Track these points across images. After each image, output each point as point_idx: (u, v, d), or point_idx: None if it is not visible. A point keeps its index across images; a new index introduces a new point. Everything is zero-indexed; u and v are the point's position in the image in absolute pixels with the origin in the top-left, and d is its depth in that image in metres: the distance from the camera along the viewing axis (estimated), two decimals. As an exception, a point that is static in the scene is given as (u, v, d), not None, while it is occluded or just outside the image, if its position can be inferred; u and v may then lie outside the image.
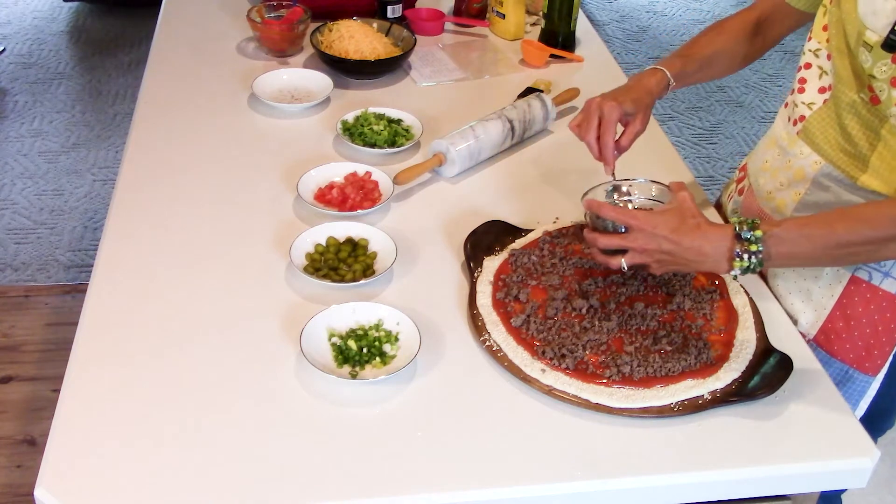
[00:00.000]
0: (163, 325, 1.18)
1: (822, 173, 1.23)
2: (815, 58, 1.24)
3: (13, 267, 2.74)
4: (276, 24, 1.84)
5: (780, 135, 1.32)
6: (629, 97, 1.31)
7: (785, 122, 1.31)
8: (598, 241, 1.14)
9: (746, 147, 3.49)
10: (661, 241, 1.08)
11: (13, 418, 2.24)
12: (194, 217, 1.38)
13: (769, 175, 1.33)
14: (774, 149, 1.33)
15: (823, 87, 1.22)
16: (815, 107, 1.23)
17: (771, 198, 1.33)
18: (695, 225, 1.09)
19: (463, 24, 2.03)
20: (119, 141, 3.33)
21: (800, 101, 1.26)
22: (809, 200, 1.26)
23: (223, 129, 1.61)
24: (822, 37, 1.21)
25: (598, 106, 1.29)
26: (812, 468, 1.05)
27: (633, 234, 1.10)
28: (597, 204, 1.15)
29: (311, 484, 0.98)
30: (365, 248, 1.31)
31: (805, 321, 1.29)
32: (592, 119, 1.29)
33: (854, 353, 1.27)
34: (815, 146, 1.24)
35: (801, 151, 1.26)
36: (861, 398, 1.30)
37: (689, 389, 1.10)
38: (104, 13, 4.25)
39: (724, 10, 4.61)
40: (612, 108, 1.28)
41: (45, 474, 0.98)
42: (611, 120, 1.28)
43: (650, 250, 1.09)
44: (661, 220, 1.09)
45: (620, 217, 1.12)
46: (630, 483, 1.01)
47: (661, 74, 1.35)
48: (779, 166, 1.31)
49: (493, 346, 1.15)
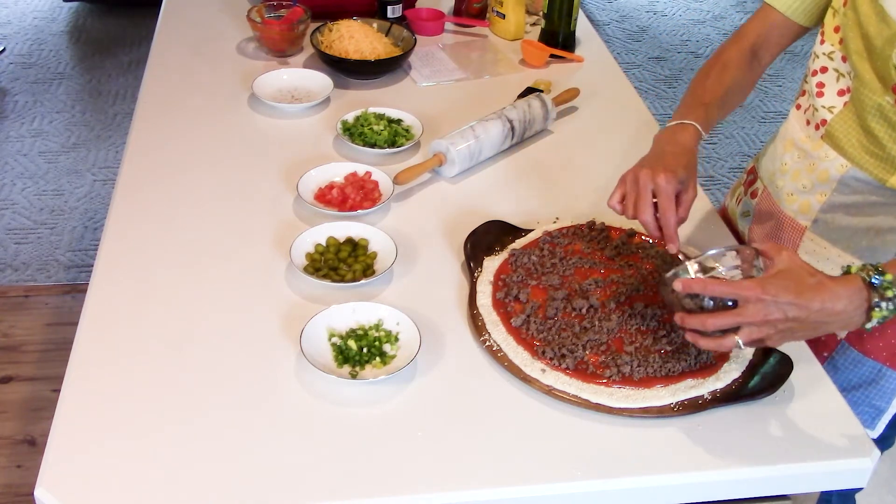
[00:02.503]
0: (163, 325, 1.18)
1: (849, 176, 1.22)
2: (829, 61, 1.22)
3: (13, 267, 2.74)
4: (276, 24, 1.84)
5: (799, 137, 1.30)
6: (680, 164, 1.17)
7: (803, 125, 1.29)
8: (708, 324, 0.99)
9: (746, 147, 3.49)
10: (786, 307, 0.96)
11: (13, 418, 2.24)
12: (194, 217, 1.38)
13: (789, 177, 1.31)
14: (794, 151, 1.31)
15: (842, 89, 1.21)
16: (836, 110, 1.22)
17: (793, 200, 1.31)
18: (817, 283, 0.97)
19: (463, 24, 2.03)
20: (119, 141, 3.33)
21: (819, 105, 1.24)
22: (836, 202, 1.25)
23: (223, 129, 1.61)
24: (835, 38, 1.20)
25: (649, 179, 1.15)
26: (812, 468, 1.05)
27: (749, 308, 0.97)
28: (698, 283, 1.00)
29: (311, 484, 0.98)
30: (365, 248, 1.31)
31: None
32: (645, 195, 1.15)
33: (887, 350, 1.26)
34: (840, 149, 1.22)
35: (826, 155, 1.24)
36: (894, 396, 1.29)
37: (689, 389, 1.10)
38: (104, 13, 4.25)
39: (723, 10, 4.61)
40: (668, 181, 1.14)
41: (45, 474, 0.98)
42: (670, 195, 1.14)
43: (772, 321, 0.97)
44: (777, 284, 0.97)
45: (732, 291, 0.98)
46: (630, 483, 1.01)
47: (693, 130, 1.23)
48: (801, 168, 1.29)
49: (493, 346, 1.15)
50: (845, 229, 1.26)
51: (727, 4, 4.68)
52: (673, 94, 3.83)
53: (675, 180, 1.15)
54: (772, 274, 0.99)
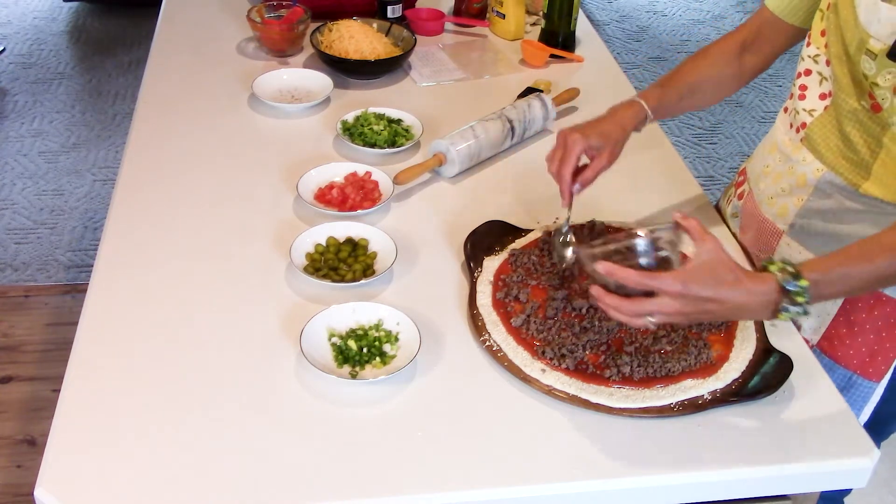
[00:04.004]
0: (162, 325, 1.18)
1: (825, 180, 1.22)
2: (814, 63, 1.22)
3: (13, 267, 2.74)
4: (276, 24, 1.84)
5: (782, 140, 1.30)
6: (597, 130, 1.24)
7: (787, 128, 1.30)
8: (623, 309, 1.01)
9: (746, 147, 3.49)
10: (702, 303, 0.98)
11: (13, 418, 2.24)
12: (194, 217, 1.38)
13: (770, 180, 1.32)
14: (776, 154, 1.32)
15: (824, 93, 1.21)
16: (816, 113, 1.22)
17: (772, 203, 1.32)
18: (735, 280, 0.99)
19: (463, 24, 2.03)
20: (119, 141, 3.33)
21: (801, 107, 1.24)
22: (812, 207, 1.25)
23: (223, 129, 1.61)
24: (821, 42, 1.20)
25: (563, 137, 1.24)
26: (812, 468, 1.05)
27: (666, 301, 0.99)
28: (619, 272, 1.00)
29: (311, 484, 0.98)
30: (365, 248, 1.31)
31: (808, 327, 1.29)
32: (557, 150, 1.25)
33: (858, 358, 1.26)
34: (818, 153, 1.23)
35: (804, 158, 1.25)
36: (865, 404, 1.29)
37: (689, 389, 1.10)
38: (104, 13, 4.25)
39: (723, 9, 4.61)
40: (574, 141, 1.22)
41: (45, 474, 0.98)
42: (571, 152, 1.22)
43: (686, 312, 1.00)
44: (697, 280, 0.98)
45: (654, 285, 0.99)
46: (630, 483, 1.01)
47: (638, 107, 1.29)
48: (781, 171, 1.30)
49: (493, 346, 1.15)
50: (821, 235, 1.26)
51: (727, 4, 4.68)
52: (673, 94, 3.83)
53: (582, 141, 1.22)
54: (693, 266, 1.00)
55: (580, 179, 1.23)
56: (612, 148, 1.25)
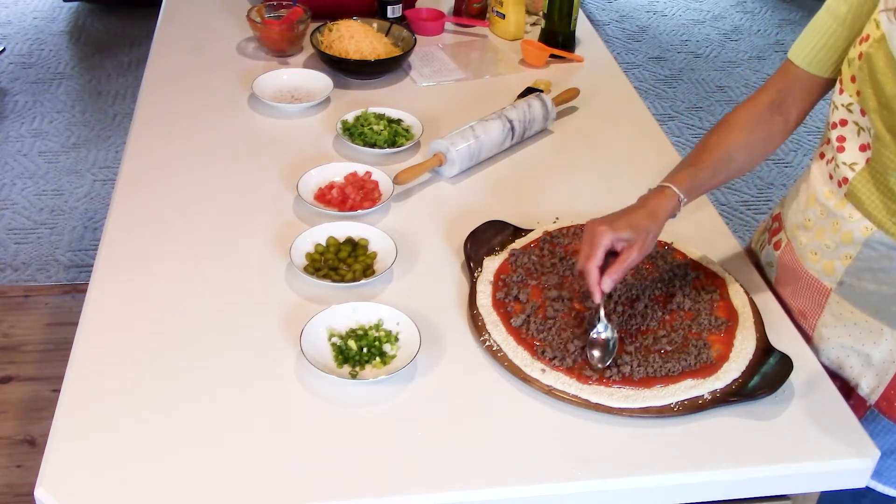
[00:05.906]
0: (163, 325, 1.18)
1: (874, 239, 1.14)
2: (848, 113, 1.14)
3: (13, 267, 2.74)
4: (276, 24, 1.84)
5: (822, 192, 1.21)
6: (627, 221, 1.17)
7: (826, 179, 1.21)
8: None
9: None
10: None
11: (13, 418, 2.24)
12: (194, 217, 1.38)
13: (812, 234, 1.23)
14: (816, 207, 1.23)
15: (864, 144, 1.13)
16: (857, 167, 1.14)
17: (816, 259, 1.23)
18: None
19: (463, 24, 2.03)
20: (119, 141, 3.33)
21: (841, 160, 1.17)
22: (862, 266, 1.17)
23: (223, 129, 1.61)
24: (852, 89, 1.12)
25: (590, 229, 1.17)
26: (812, 468, 1.05)
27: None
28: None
29: (311, 484, 0.98)
30: (365, 248, 1.31)
31: (866, 385, 1.22)
32: (584, 244, 1.17)
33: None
34: (864, 210, 1.14)
35: (851, 215, 1.16)
36: None
37: (689, 389, 1.10)
38: (104, 13, 4.25)
39: (723, 9, 4.61)
40: (601, 233, 1.15)
41: (45, 474, 0.98)
42: (598, 245, 1.14)
43: None
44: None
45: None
46: (630, 483, 1.01)
47: (670, 192, 1.20)
48: (823, 226, 1.21)
49: (493, 346, 1.15)
50: (873, 294, 1.17)
51: (727, 4, 4.68)
52: (672, 93, 3.83)
53: (611, 234, 1.15)
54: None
55: (608, 273, 1.14)
56: (644, 240, 1.16)
